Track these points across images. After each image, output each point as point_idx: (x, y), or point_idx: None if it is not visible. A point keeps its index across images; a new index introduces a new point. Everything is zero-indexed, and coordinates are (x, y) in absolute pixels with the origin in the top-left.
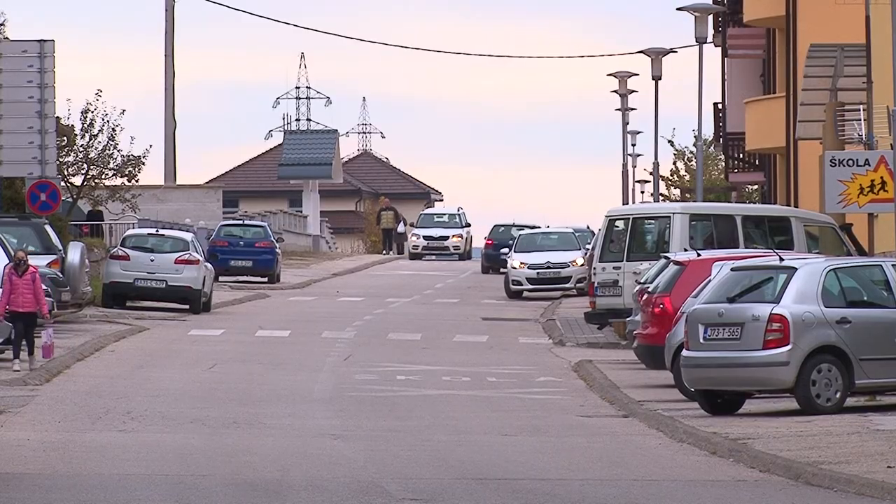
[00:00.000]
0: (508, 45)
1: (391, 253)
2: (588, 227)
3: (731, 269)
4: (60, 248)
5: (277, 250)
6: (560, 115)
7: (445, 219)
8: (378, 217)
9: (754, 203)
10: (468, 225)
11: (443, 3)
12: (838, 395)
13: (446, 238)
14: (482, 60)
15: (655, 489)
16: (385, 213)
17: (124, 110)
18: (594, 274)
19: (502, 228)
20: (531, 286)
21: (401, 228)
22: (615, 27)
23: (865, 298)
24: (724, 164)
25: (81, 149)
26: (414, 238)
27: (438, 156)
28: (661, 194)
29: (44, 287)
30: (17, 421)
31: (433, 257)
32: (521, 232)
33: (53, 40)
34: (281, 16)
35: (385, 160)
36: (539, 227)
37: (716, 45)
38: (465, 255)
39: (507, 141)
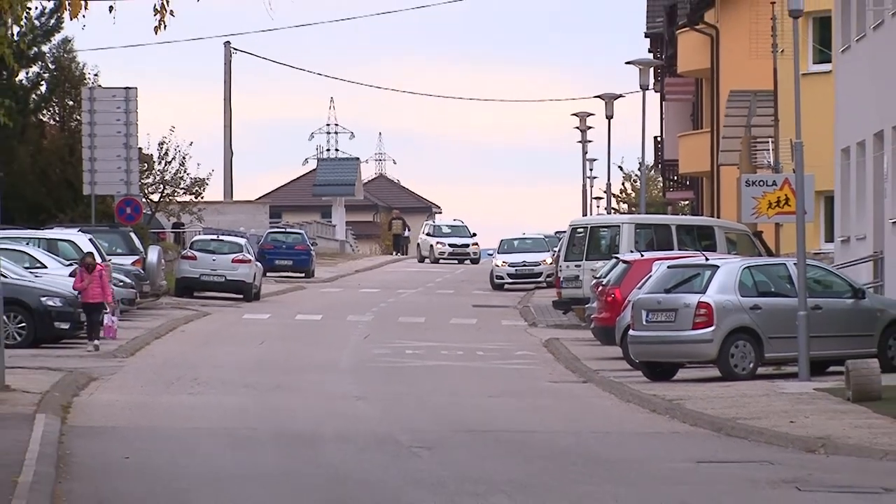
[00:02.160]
0: (495, 91)
1: (399, 254)
2: (556, 233)
3: (668, 267)
4: (142, 250)
5: (312, 252)
6: (535, 146)
7: (461, 230)
8: (389, 225)
9: (686, 215)
10: (475, 234)
11: (443, 57)
12: (751, 365)
13: (468, 246)
14: (473, 103)
15: (608, 439)
16: (395, 222)
17: (192, 142)
18: (560, 270)
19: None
20: (510, 280)
21: (406, 234)
22: (577, 77)
23: (772, 290)
24: (662, 184)
25: (158, 172)
26: (439, 246)
27: (438, 177)
28: (613, 208)
29: (127, 280)
30: (108, 386)
31: (455, 262)
32: (503, 238)
33: (136, 88)
34: (315, 68)
35: (396, 181)
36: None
37: (656, 91)
38: (478, 260)
39: (493, 166)
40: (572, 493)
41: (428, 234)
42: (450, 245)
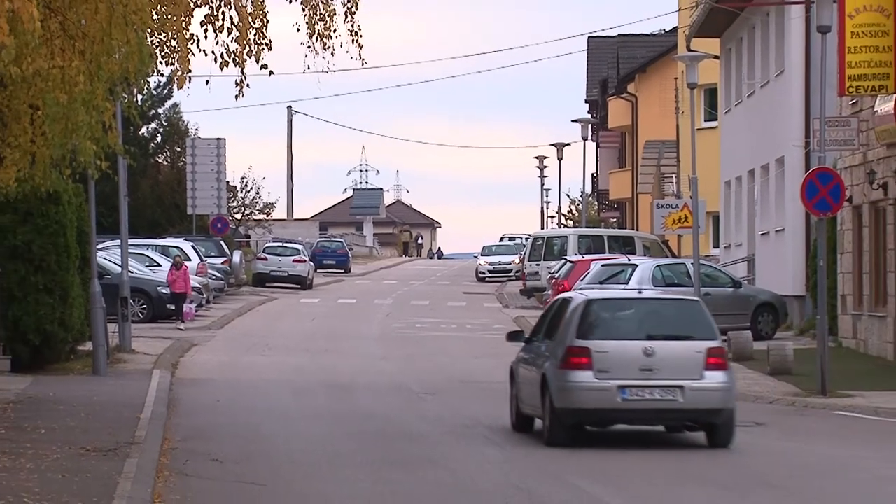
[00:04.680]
0: (478, 140)
1: (408, 256)
2: (522, 242)
3: (601, 266)
4: (229, 253)
5: (349, 255)
6: (507, 179)
7: (509, 248)
8: (400, 235)
9: (614, 229)
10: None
11: (441, 116)
12: None
13: (509, 263)
14: (464, 149)
15: None
16: (404, 234)
17: (264, 177)
18: (525, 268)
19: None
20: (490, 274)
21: (420, 241)
22: (537, 131)
23: (676, 282)
24: (597, 206)
25: (240, 198)
26: (482, 265)
27: (438, 201)
28: (562, 224)
29: (216, 273)
30: (204, 350)
31: (502, 280)
32: (484, 244)
33: (224, 138)
34: (352, 124)
35: (409, 205)
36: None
37: (593, 141)
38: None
39: (477, 193)
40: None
41: (481, 254)
42: (489, 264)
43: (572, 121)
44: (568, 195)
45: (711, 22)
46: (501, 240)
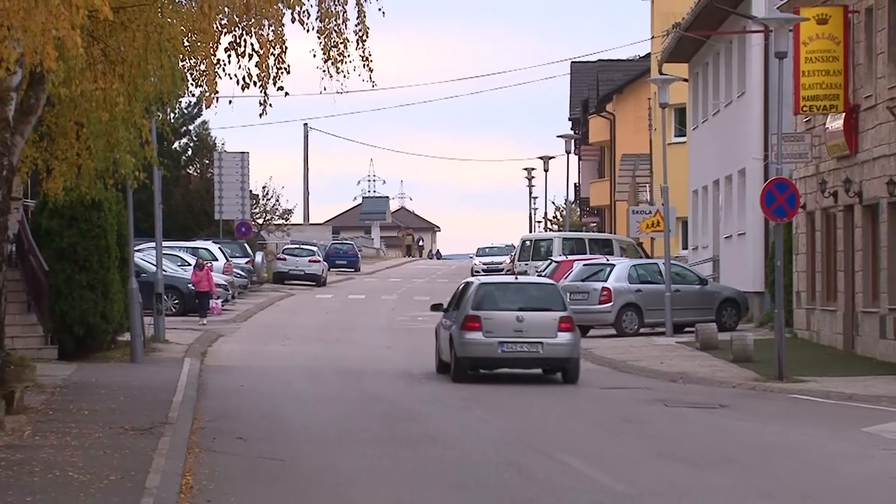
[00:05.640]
0: (475, 154)
1: (410, 257)
2: (512, 244)
3: (583, 265)
4: (252, 254)
5: (359, 255)
6: (499, 188)
7: (500, 250)
8: (404, 238)
9: (594, 232)
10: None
11: (441, 132)
12: (636, 327)
13: (501, 263)
14: (459, 162)
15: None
16: (406, 237)
17: (283, 186)
18: (515, 267)
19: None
20: (484, 273)
21: (420, 244)
22: (526, 146)
23: (649, 279)
24: (579, 212)
25: (262, 205)
26: (477, 264)
27: (438, 207)
28: (548, 228)
29: (241, 272)
30: (230, 340)
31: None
32: (478, 246)
33: (248, 152)
34: (362, 139)
35: (412, 211)
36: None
37: (576, 154)
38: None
39: (473, 201)
40: (522, 407)
41: (476, 255)
42: (483, 263)
43: (557, 136)
44: (553, 202)
45: (681, 49)
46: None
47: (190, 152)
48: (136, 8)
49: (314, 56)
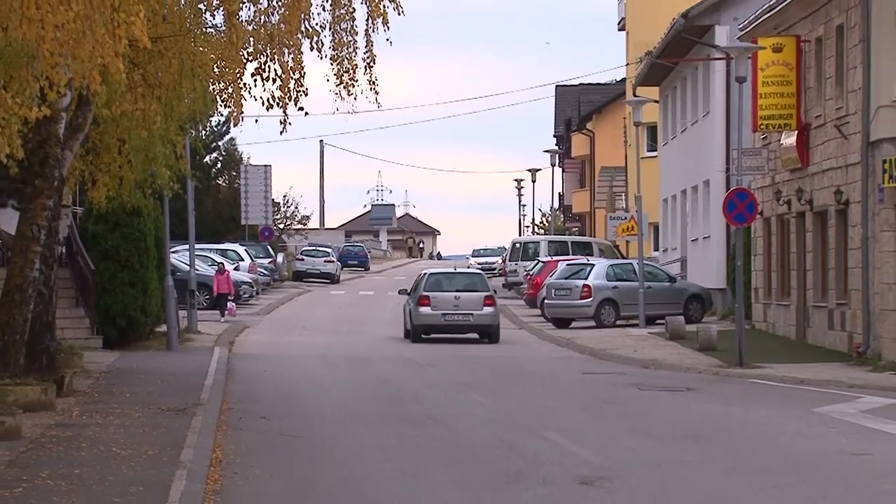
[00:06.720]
0: (469, 166)
1: (412, 258)
2: (504, 246)
3: (566, 265)
4: (274, 255)
5: (368, 256)
6: (492, 196)
7: (493, 251)
8: (406, 241)
9: (576, 236)
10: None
11: (439, 147)
12: (613, 319)
13: (493, 262)
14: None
15: (532, 361)
16: (409, 240)
17: (301, 195)
18: (506, 266)
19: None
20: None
21: (421, 246)
22: (516, 159)
23: (625, 277)
24: (563, 218)
25: (283, 212)
26: (473, 263)
27: (439, 213)
28: (536, 232)
29: (264, 271)
30: (254, 331)
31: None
32: (474, 248)
33: (271, 165)
34: (371, 154)
35: (415, 217)
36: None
37: (560, 167)
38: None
39: (468, 208)
40: (512, 391)
41: (472, 255)
42: (478, 263)
43: (543, 151)
44: (540, 209)
45: (653, 74)
46: (473, 254)
47: (219, 165)
48: (172, 38)
49: (328, 80)
